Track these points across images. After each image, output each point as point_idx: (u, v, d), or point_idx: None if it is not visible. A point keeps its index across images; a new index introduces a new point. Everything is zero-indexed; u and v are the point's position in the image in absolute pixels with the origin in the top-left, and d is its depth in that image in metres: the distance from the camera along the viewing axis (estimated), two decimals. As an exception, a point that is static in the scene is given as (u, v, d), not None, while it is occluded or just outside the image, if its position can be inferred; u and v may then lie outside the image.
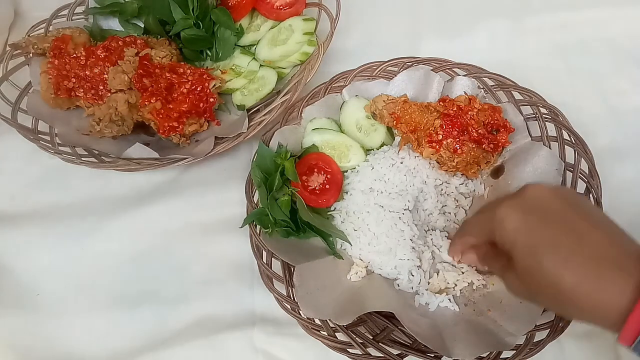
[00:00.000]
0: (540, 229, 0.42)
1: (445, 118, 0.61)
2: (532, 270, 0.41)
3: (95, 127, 0.69)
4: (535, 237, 0.42)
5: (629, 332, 0.37)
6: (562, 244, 0.40)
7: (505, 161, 0.64)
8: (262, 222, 0.60)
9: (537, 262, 0.41)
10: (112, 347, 0.62)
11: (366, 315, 0.56)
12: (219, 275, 0.65)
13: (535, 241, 0.41)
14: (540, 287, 0.42)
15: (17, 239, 0.69)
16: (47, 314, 0.64)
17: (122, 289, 0.65)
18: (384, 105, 0.64)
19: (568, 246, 0.40)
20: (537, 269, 0.41)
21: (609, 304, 0.38)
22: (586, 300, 0.39)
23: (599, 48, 0.79)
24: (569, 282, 0.39)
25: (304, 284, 0.55)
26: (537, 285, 0.42)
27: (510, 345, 0.52)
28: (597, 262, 0.39)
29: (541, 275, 0.41)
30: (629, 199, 0.66)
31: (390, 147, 0.66)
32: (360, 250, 0.60)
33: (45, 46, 0.72)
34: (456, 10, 0.86)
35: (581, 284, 0.39)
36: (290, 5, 0.73)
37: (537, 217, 0.42)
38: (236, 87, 0.73)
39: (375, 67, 0.68)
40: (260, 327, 0.61)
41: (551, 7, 0.84)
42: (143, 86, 0.67)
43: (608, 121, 0.73)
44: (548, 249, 0.40)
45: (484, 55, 0.74)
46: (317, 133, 0.65)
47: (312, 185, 0.63)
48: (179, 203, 0.70)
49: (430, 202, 0.62)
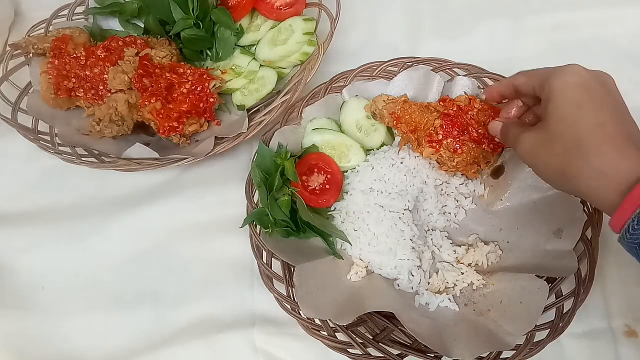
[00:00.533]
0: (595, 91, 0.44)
1: (446, 118, 0.61)
2: (567, 120, 0.44)
3: (95, 127, 0.69)
4: (587, 95, 0.44)
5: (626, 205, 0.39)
6: (606, 109, 0.43)
7: (505, 161, 0.64)
8: (262, 222, 0.60)
9: (578, 111, 0.44)
10: (112, 347, 0.62)
11: (366, 315, 0.56)
12: (219, 275, 0.65)
13: (585, 97, 0.44)
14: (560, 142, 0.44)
15: (17, 239, 0.69)
16: (47, 314, 0.64)
17: (122, 289, 0.65)
18: (384, 105, 0.64)
19: (609, 115, 0.43)
20: (573, 119, 0.44)
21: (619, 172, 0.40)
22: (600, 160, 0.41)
23: (598, 48, 0.79)
24: (596, 137, 0.42)
25: (304, 284, 0.55)
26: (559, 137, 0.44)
27: (510, 345, 0.52)
28: (628, 138, 0.42)
29: (573, 125, 0.44)
30: (629, 199, 0.66)
31: (390, 147, 0.66)
32: (360, 250, 0.60)
33: (45, 46, 0.72)
34: (456, 10, 0.86)
35: (605, 143, 0.42)
36: (290, 5, 0.73)
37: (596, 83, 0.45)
38: (236, 87, 0.73)
39: (375, 67, 0.68)
40: (260, 327, 0.61)
41: (551, 7, 0.84)
42: (143, 86, 0.67)
43: (608, 121, 0.73)
44: (593, 106, 0.43)
45: (484, 55, 0.74)
46: (317, 133, 0.65)
47: (312, 185, 0.63)
48: (179, 203, 0.70)
49: (430, 202, 0.62)
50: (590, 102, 0.44)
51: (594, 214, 0.57)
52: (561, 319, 0.53)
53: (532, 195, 0.61)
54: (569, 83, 0.45)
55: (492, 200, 0.64)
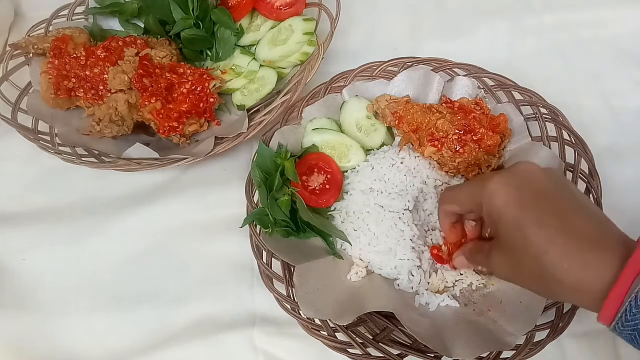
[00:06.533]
0: (529, 205, 0.43)
1: (459, 123, 0.61)
2: (518, 244, 0.42)
3: (95, 127, 0.69)
4: (523, 212, 0.42)
5: (608, 311, 0.38)
6: (549, 222, 0.41)
7: (505, 161, 0.64)
8: (262, 222, 0.60)
9: (523, 236, 0.42)
10: (112, 347, 0.62)
11: (366, 315, 0.56)
12: (219, 275, 0.65)
13: (523, 216, 0.42)
14: (524, 262, 0.43)
15: (17, 239, 0.69)
16: (47, 314, 0.64)
17: (122, 289, 0.65)
18: (386, 105, 0.64)
19: (554, 224, 0.41)
20: (523, 243, 0.42)
21: (590, 282, 0.39)
22: (568, 277, 0.40)
23: (599, 48, 0.79)
24: (552, 257, 0.40)
25: (304, 283, 0.55)
26: (521, 260, 0.43)
27: (510, 345, 0.52)
28: (581, 241, 0.40)
29: (526, 250, 0.42)
30: (629, 199, 0.66)
31: (390, 147, 0.66)
32: (360, 250, 0.60)
33: (45, 46, 0.72)
34: (456, 10, 0.86)
35: (564, 260, 0.40)
36: (290, 5, 0.73)
37: (527, 193, 0.43)
38: (236, 87, 0.73)
39: (375, 67, 0.68)
40: (260, 327, 0.61)
41: (551, 7, 0.84)
42: (143, 86, 0.67)
43: (608, 121, 0.73)
44: (535, 224, 0.41)
45: (484, 55, 0.74)
46: (317, 133, 0.65)
47: (312, 185, 0.63)
48: (179, 203, 0.70)
49: (430, 202, 0.62)
50: (531, 220, 0.42)
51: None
52: (561, 319, 0.53)
53: (532, 195, 0.61)
54: (500, 205, 0.43)
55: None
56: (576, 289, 0.40)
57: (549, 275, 0.41)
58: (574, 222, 0.41)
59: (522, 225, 0.42)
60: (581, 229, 0.41)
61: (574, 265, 0.40)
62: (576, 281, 0.40)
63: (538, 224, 0.41)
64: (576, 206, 0.43)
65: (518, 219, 0.42)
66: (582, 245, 0.40)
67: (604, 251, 0.39)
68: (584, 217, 0.42)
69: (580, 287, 0.40)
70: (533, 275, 0.42)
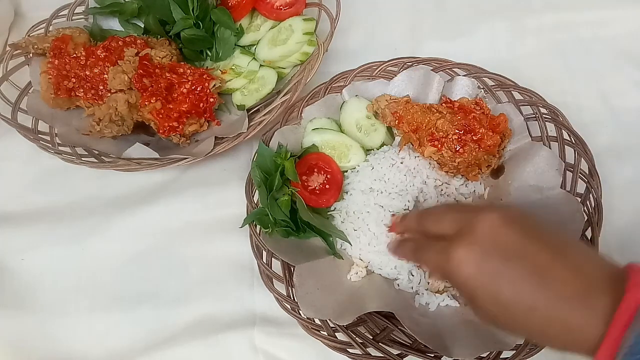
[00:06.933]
0: (498, 273, 0.40)
1: (459, 124, 0.61)
2: (499, 317, 0.40)
3: (95, 127, 0.69)
4: (495, 284, 0.39)
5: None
6: (526, 288, 0.39)
7: (505, 161, 0.64)
8: (262, 222, 0.60)
9: (503, 311, 0.40)
10: (112, 347, 0.62)
11: (366, 315, 0.56)
12: (219, 275, 0.65)
13: (496, 289, 0.39)
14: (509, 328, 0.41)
15: (17, 239, 0.69)
16: (47, 314, 0.64)
17: (122, 289, 0.65)
18: (386, 105, 0.64)
19: (532, 289, 0.38)
20: (504, 316, 0.40)
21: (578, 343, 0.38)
22: (556, 341, 0.39)
23: (598, 48, 0.79)
24: (536, 326, 0.39)
25: (304, 284, 0.55)
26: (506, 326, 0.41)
27: (510, 345, 0.52)
28: (563, 303, 0.38)
29: (508, 322, 0.40)
30: (629, 199, 0.66)
31: (390, 147, 0.66)
32: (360, 250, 0.60)
33: (45, 46, 0.72)
34: (456, 11, 0.86)
35: (549, 327, 0.38)
36: (290, 5, 0.73)
37: (494, 258, 0.40)
38: (236, 87, 0.73)
39: (375, 67, 0.68)
40: (260, 327, 0.61)
41: (551, 7, 0.84)
42: (143, 86, 0.67)
43: (608, 121, 0.73)
44: (511, 297, 0.39)
45: (484, 55, 0.74)
46: (317, 133, 0.65)
47: (312, 185, 0.63)
48: (179, 203, 0.70)
49: (430, 201, 0.62)
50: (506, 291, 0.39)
51: (594, 214, 0.57)
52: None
53: (532, 196, 0.61)
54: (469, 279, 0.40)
55: (492, 200, 0.64)
56: (565, 348, 0.39)
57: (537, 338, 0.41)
58: (553, 278, 0.39)
59: (498, 300, 0.39)
60: (561, 284, 0.38)
61: (560, 331, 0.38)
62: (564, 344, 0.39)
63: (514, 296, 0.39)
64: (550, 254, 0.39)
65: (491, 294, 0.40)
66: (563, 307, 0.38)
67: (588, 308, 0.37)
68: (563, 269, 0.39)
69: (569, 347, 0.39)
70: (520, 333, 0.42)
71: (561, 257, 0.39)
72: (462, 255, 0.41)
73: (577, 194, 0.59)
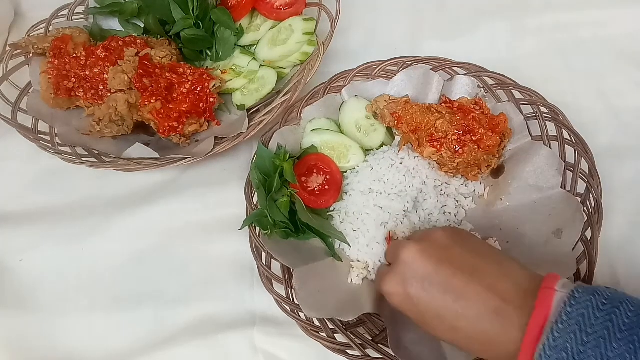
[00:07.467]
0: (419, 298, 0.45)
1: (458, 124, 0.61)
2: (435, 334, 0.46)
3: (95, 127, 0.69)
4: (420, 308, 0.45)
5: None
6: (446, 312, 0.43)
7: (505, 161, 0.64)
8: (261, 223, 0.59)
9: (432, 330, 0.45)
10: (112, 347, 0.62)
11: (365, 316, 0.56)
12: (219, 275, 0.65)
13: (421, 312, 0.45)
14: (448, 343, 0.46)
15: (17, 239, 0.69)
16: (47, 314, 0.64)
17: (122, 289, 0.65)
18: (385, 105, 0.64)
19: (450, 311, 0.43)
20: (436, 334, 0.45)
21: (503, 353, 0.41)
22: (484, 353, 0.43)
23: (598, 48, 0.79)
24: (463, 341, 0.44)
25: (304, 286, 0.55)
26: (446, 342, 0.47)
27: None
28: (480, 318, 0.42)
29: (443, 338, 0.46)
30: (629, 199, 0.65)
31: (389, 148, 0.66)
32: (359, 252, 0.60)
33: (45, 46, 0.72)
34: (456, 10, 0.86)
35: (474, 342, 0.43)
36: (290, 5, 0.73)
37: (413, 286, 0.45)
38: (236, 87, 0.73)
39: (374, 67, 0.68)
40: (260, 327, 0.61)
41: (551, 7, 0.84)
42: (143, 86, 0.67)
43: (608, 121, 0.73)
44: (434, 318, 0.44)
45: (484, 55, 0.74)
46: (317, 134, 0.65)
47: (312, 186, 0.63)
48: (179, 203, 0.70)
49: (430, 202, 0.62)
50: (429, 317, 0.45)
51: (594, 215, 0.57)
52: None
53: (532, 195, 0.61)
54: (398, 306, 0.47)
55: (492, 200, 0.64)
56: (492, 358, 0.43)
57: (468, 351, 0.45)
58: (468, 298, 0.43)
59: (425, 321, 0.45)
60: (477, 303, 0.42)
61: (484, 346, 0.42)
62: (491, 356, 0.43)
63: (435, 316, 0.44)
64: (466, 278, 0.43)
65: (418, 317, 0.46)
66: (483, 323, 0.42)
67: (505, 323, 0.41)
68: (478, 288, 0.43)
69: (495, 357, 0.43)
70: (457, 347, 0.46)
71: (477, 277, 0.43)
72: (388, 285, 0.47)
73: (577, 194, 0.59)
